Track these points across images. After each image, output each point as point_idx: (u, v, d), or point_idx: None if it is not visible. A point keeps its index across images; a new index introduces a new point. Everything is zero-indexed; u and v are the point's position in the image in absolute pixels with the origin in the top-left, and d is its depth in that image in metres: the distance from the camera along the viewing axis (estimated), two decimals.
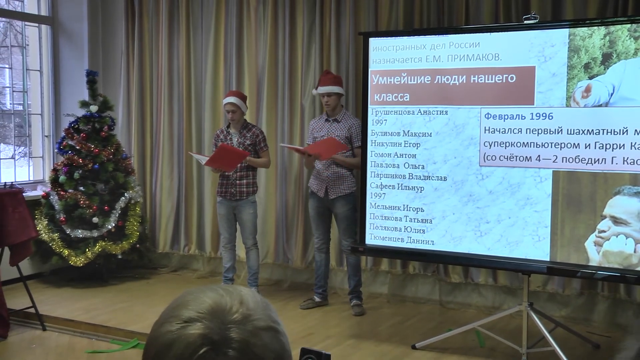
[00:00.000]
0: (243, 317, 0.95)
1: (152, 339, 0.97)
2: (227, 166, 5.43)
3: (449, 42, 4.48)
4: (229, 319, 0.94)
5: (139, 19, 6.72)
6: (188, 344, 0.92)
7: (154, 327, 0.99)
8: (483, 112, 4.38)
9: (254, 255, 5.73)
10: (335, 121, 5.35)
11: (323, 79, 5.33)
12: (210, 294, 0.99)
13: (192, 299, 0.98)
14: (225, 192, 5.62)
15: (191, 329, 0.93)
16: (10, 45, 6.79)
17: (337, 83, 5.31)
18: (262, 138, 5.62)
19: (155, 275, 6.56)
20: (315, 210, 5.48)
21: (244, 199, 5.60)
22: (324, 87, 5.28)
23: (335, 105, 5.32)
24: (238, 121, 5.58)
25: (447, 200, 4.51)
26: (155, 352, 0.95)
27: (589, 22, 4.21)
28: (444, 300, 5.60)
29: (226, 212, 5.67)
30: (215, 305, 0.96)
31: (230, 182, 5.58)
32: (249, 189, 5.61)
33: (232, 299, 0.98)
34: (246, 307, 0.97)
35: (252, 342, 0.93)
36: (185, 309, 0.96)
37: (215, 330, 0.93)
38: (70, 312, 5.29)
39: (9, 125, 6.98)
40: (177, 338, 0.93)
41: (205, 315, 0.95)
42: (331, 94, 5.27)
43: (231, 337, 0.93)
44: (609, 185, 4.02)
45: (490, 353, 4.54)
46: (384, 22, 5.61)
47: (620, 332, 4.90)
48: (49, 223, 5.95)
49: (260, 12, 6.16)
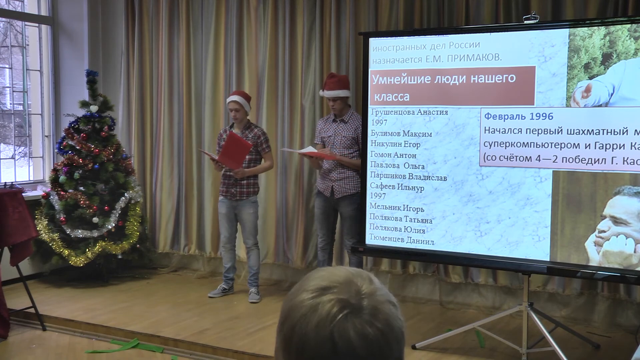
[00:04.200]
0: (371, 290, 1.04)
1: (289, 310, 1.04)
2: (235, 162, 5.42)
3: (449, 42, 4.48)
4: (360, 290, 1.03)
5: (139, 19, 6.72)
6: (329, 308, 1.00)
7: (287, 300, 1.06)
8: (483, 112, 4.37)
9: (255, 255, 5.73)
10: (342, 122, 5.36)
11: (328, 82, 5.31)
12: (341, 270, 1.08)
13: (324, 274, 1.07)
14: (226, 192, 5.63)
15: (328, 296, 1.02)
16: (10, 45, 6.79)
17: (343, 86, 5.29)
18: (264, 139, 5.62)
19: (155, 275, 6.56)
20: (320, 210, 5.49)
21: (244, 199, 5.61)
22: (329, 91, 5.28)
23: (341, 108, 5.32)
24: (241, 121, 5.58)
25: (447, 200, 4.51)
26: (296, 320, 1.02)
27: (589, 22, 4.20)
28: (444, 301, 5.60)
29: (227, 212, 5.68)
30: (347, 278, 1.05)
31: (232, 182, 5.58)
32: (249, 189, 5.61)
33: (360, 275, 1.07)
34: (373, 283, 1.07)
35: (380, 309, 1.02)
36: (318, 281, 1.05)
37: (351, 297, 1.02)
38: (70, 312, 5.29)
39: (9, 125, 6.98)
40: (316, 304, 1.01)
41: (340, 285, 1.03)
42: (337, 99, 5.27)
43: (364, 304, 1.01)
44: (609, 185, 4.02)
45: (491, 353, 4.54)
46: (384, 22, 5.61)
47: (621, 332, 4.90)
48: (49, 223, 5.95)
49: (260, 12, 6.16)
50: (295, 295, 1.05)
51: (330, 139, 5.37)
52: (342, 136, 5.32)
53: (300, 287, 1.06)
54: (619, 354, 4.48)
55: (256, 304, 5.62)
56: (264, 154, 5.63)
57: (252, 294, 5.70)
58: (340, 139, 5.33)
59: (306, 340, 1.00)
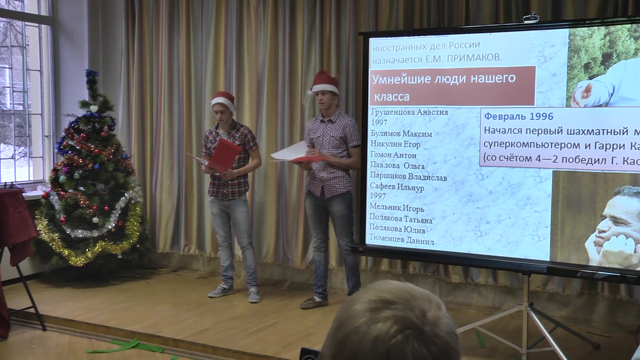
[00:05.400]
0: (436, 316, 0.97)
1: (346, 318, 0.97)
2: (223, 165, 5.46)
3: (449, 42, 4.48)
4: (426, 313, 0.96)
5: (139, 19, 6.72)
6: (390, 325, 0.93)
7: (344, 307, 0.99)
8: (483, 112, 4.37)
9: (250, 254, 5.74)
10: (330, 122, 5.36)
11: (317, 78, 5.36)
12: (408, 287, 1.00)
13: (389, 287, 0.99)
14: (217, 192, 5.65)
15: (391, 312, 0.94)
16: (10, 45, 6.79)
17: (331, 82, 5.31)
18: (250, 137, 5.64)
19: (155, 275, 6.56)
20: (312, 210, 5.49)
21: (235, 198, 5.63)
22: (317, 85, 5.30)
23: (329, 104, 5.31)
24: (226, 122, 5.61)
25: (447, 200, 4.51)
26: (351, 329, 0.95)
27: (589, 22, 4.20)
28: (444, 300, 5.48)
29: (219, 211, 5.71)
30: (414, 297, 0.97)
31: (222, 183, 5.61)
32: (240, 189, 5.64)
33: (429, 298, 0.99)
34: (441, 310, 0.99)
35: (441, 337, 0.95)
36: (382, 293, 0.97)
37: (415, 318, 0.94)
38: (70, 312, 5.29)
39: (9, 125, 6.98)
40: (376, 318, 0.94)
41: (404, 302, 0.96)
42: (325, 92, 5.27)
43: (426, 329, 0.94)
44: (609, 186, 4.02)
45: (491, 353, 4.54)
46: (384, 22, 5.61)
47: (621, 332, 4.90)
48: (49, 223, 5.95)
49: (260, 12, 6.16)
50: (354, 303, 0.99)
51: (319, 140, 5.38)
52: (331, 136, 5.32)
53: (361, 295, 1.00)
54: (619, 354, 4.48)
55: (256, 304, 5.62)
56: (252, 152, 5.66)
57: (252, 294, 5.70)
58: (328, 139, 5.34)
59: (360, 352, 0.94)
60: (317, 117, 5.51)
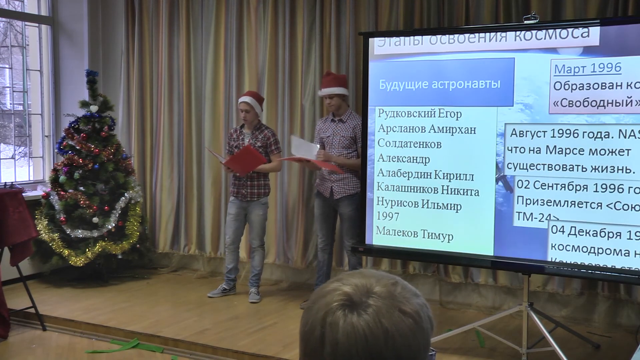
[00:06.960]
0: (389, 294, 1.03)
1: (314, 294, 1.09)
2: (242, 169, 5.43)
3: (449, 42, 4.47)
4: (372, 289, 1.03)
5: (139, 19, 6.72)
6: (333, 296, 1.03)
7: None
8: (488, 114, 4.37)
9: (259, 255, 5.73)
10: (340, 121, 5.36)
11: (324, 80, 5.34)
12: (372, 272, 1.09)
13: (359, 271, 1.09)
14: (237, 193, 5.63)
15: (344, 287, 1.04)
16: (10, 45, 6.79)
17: (339, 84, 5.29)
18: (273, 140, 5.61)
19: (155, 275, 6.56)
20: (320, 210, 5.49)
21: (255, 200, 5.61)
22: (324, 89, 5.29)
23: (338, 106, 5.31)
24: (251, 122, 5.57)
25: (447, 200, 4.50)
26: (310, 303, 1.07)
27: (589, 22, 4.20)
28: (444, 300, 5.60)
29: (236, 212, 5.68)
30: (375, 276, 1.06)
31: (242, 183, 5.59)
32: (260, 191, 5.61)
33: (393, 279, 1.07)
34: (400, 288, 1.06)
35: (384, 314, 1.01)
36: (347, 275, 1.08)
37: (359, 292, 1.03)
38: (70, 312, 5.29)
39: (9, 125, 6.98)
40: (329, 291, 1.05)
41: (358, 281, 1.05)
42: (333, 96, 5.27)
43: (368, 302, 1.01)
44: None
45: (491, 353, 4.54)
46: (384, 22, 5.61)
47: (621, 332, 4.90)
48: (49, 223, 5.95)
49: (260, 12, 6.16)
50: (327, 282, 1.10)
51: (329, 139, 5.37)
52: (341, 136, 5.32)
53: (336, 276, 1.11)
54: (619, 354, 4.48)
55: (256, 304, 5.62)
56: (272, 155, 5.61)
57: (252, 294, 5.70)
58: (338, 139, 5.33)
59: (308, 323, 1.04)
60: (328, 117, 5.50)
